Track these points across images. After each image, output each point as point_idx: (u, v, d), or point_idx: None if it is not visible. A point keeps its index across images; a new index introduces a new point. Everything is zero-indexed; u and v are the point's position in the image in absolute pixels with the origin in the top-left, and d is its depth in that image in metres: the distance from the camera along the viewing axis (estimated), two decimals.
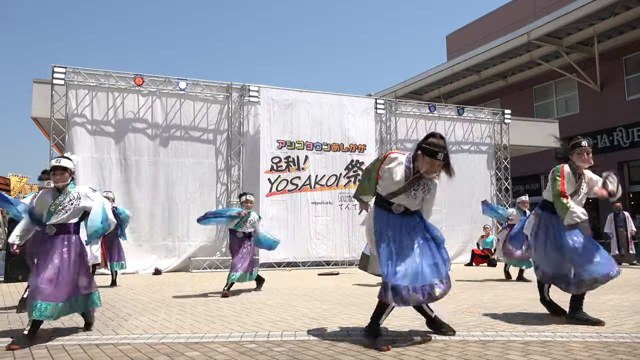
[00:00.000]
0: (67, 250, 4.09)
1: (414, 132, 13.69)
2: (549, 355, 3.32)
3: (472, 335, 4.00)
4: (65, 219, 4.16)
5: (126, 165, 10.97)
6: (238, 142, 11.89)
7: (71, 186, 4.28)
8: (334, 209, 12.25)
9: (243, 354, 3.46)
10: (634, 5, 15.42)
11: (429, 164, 3.66)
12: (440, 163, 3.66)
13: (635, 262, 12.29)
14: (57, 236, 4.12)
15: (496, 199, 14.32)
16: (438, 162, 3.64)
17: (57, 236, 4.12)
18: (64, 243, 4.10)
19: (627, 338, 3.83)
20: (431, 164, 3.65)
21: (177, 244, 11.17)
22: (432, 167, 3.67)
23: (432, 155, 3.62)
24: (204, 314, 5.26)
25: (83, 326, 4.47)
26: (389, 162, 3.79)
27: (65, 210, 4.16)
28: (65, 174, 4.24)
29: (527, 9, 20.58)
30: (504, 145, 14.59)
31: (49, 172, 4.38)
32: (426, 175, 3.75)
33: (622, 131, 16.79)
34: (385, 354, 3.42)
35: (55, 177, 4.23)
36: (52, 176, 4.24)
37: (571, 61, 17.71)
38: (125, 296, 6.82)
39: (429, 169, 3.68)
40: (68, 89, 10.61)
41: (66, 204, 4.16)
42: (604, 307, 5.28)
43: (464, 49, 22.11)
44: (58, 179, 4.22)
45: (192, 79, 11.63)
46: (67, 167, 4.25)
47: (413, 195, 3.76)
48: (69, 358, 3.45)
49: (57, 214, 4.13)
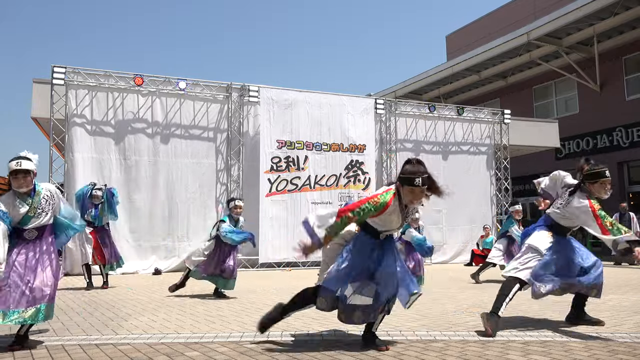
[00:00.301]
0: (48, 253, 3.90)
1: (414, 132, 13.70)
2: (548, 355, 3.33)
3: (472, 335, 4.01)
4: (47, 220, 3.95)
5: (126, 165, 10.96)
6: (238, 142, 11.89)
7: (37, 186, 3.94)
8: (334, 209, 12.22)
9: (243, 354, 3.46)
10: (634, 6, 15.43)
11: (410, 193, 3.49)
12: (422, 189, 3.48)
13: (636, 263, 12.28)
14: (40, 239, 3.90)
15: (496, 199, 14.33)
16: (418, 188, 3.47)
17: (38, 239, 3.89)
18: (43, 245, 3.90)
19: (627, 338, 3.84)
20: (412, 192, 3.49)
21: (177, 244, 11.16)
22: (414, 195, 3.50)
23: (410, 183, 3.46)
24: (203, 314, 5.26)
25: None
26: (392, 211, 3.57)
27: (45, 212, 3.91)
28: (29, 178, 3.84)
29: (526, 9, 20.59)
30: (503, 145, 14.59)
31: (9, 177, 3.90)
32: (411, 206, 3.67)
33: (621, 131, 16.79)
34: (385, 353, 3.42)
35: (18, 182, 3.80)
36: (14, 181, 3.81)
37: (571, 61, 17.72)
38: (125, 296, 6.82)
39: (412, 198, 3.52)
40: (68, 89, 10.60)
41: (44, 206, 3.91)
42: (604, 307, 5.28)
43: (463, 49, 22.12)
44: (22, 183, 3.80)
45: (192, 79, 11.64)
46: (29, 169, 3.85)
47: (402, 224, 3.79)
48: (68, 358, 3.45)
49: (37, 217, 3.87)
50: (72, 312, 5.41)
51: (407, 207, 3.69)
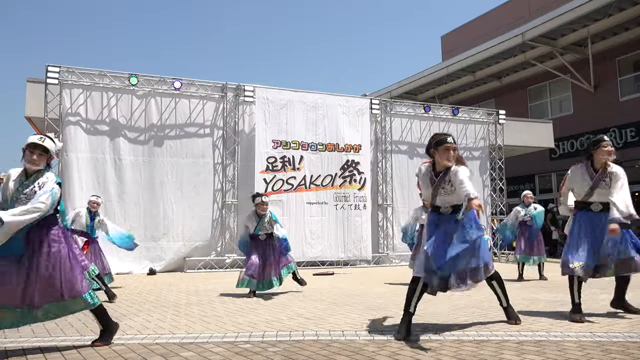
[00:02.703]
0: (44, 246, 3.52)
1: (409, 132, 13.73)
2: (542, 355, 3.34)
3: (466, 334, 4.02)
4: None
5: (121, 164, 10.92)
6: (233, 142, 11.88)
7: (42, 173, 3.58)
8: (329, 209, 12.25)
9: (238, 354, 3.46)
10: (628, 7, 15.51)
11: (445, 152, 4.00)
12: (454, 146, 4.02)
13: None
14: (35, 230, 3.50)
15: (491, 200, 14.37)
16: (451, 145, 4.00)
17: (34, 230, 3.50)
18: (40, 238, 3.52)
19: (621, 337, 3.85)
20: (446, 150, 4.00)
21: (172, 244, 11.13)
22: (448, 153, 4.00)
23: (444, 142, 4.01)
24: (198, 314, 5.25)
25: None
26: (418, 180, 4.36)
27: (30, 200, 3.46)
28: (43, 158, 3.56)
29: (521, 10, 20.65)
30: (498, 145, 14.64)
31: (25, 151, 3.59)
32: (447, 164, 4.02)
33: (615, 132, 16.87)
34: (379, 353, 3.43)
35: (31, 157, 3.50)
36: (28, 154, 3.51)
37: (565, 62, 17.79)
38: (119, 297, 6.79)
39: (447, 157, 4.00)
40: (62, 88, 10.55)
41: (30, 194, 3.48)
42: (598, 307, 5.31)
43: (459, 49, 22.16)
44: (33, 160, 3.51)
45: (187, 78, 11.61)
46: (49, 149, 3.57)
47: (443, 193, 4.08)
48: (62, 359, 3.43)
49: (18, 203, 3.45)
50: None
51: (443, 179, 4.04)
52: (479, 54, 19.15)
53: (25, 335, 4.16)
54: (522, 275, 8.80)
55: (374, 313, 5.13)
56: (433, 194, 4.12)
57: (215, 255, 11.47)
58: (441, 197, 4.09)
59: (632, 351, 3.42)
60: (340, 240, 12.21)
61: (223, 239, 11.53)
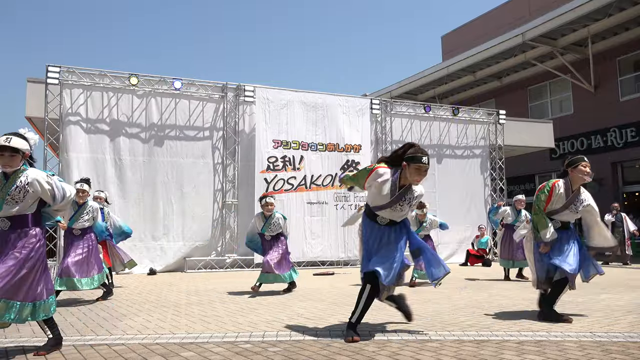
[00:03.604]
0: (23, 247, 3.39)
1: (409, 132, 13.73)
2: (543, 355, 3.34)
3: (466, 334, 4.02)
4: (20, 211, 3.43)
5: (121, 164, 10.93)
6: (233, 141, 11.88)
7: (21, 171, 3.47)
8: (330, 209, 12.26)
9: (238, 354, 3.45)
10: (628, 7, 15.52)
11: (417, 170, 3.79)
12: (426, 167, 3.81)
13: (628, 263, 12.36)
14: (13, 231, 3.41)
15: (491, 199, 14.36)
16: (424, 166, 3.79)
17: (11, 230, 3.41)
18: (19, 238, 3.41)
19: (621, 337, 3.85)
20: (419, 170, 3.79)
21: (172, 244, 11.14)
22: (419, 173, 3.81)
23: (418, 160, 3.77)
24: (198, 314, 5.24)
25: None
26: (376, 177, 3.87)
27: (16, 201, 3.40)
28: (16, 158, 3.43)
29: (521, 10, 20.66)
30: (498, 145, 14.64)
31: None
32: (415, 183, 3.89)
33: (615, 132, 16.87)
34: (380, 353, 3.43)
35: (3, 160, 3.40)
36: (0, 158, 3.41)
37: (565, 62, 17.79)
38: (119, 296, 6.79)
39: (418, 176, 3.81)
40: (62, 88, 10.56)
41: (14, 194, 3.39)
42: (598, 307, 5.31)
43: (459, 49, 22.17)
44: (6, 162, 3.40)
45: (187, 78, 11.62)
46: (18, 148, 3.43)
47: (399, 209, 3.91)
48: (62, 359, 3.43)
49: (8, 205, 3.39)
50: (66, 312, 5.38)
51: (404, 194, 3.86)
52: (479, 54, 19.16)
53: (25, 335, 4.16)
54: (508, 276, 8.94)
55: (374, 313, 5.12)
56: (387, 204, 3.88)
57: (216, 255, 11.47)
58: (391, 210, 3.90)
59: (633, 351, 3.42)
60: (340, 240, 12.21)
61: (223, 239, 11.54)
